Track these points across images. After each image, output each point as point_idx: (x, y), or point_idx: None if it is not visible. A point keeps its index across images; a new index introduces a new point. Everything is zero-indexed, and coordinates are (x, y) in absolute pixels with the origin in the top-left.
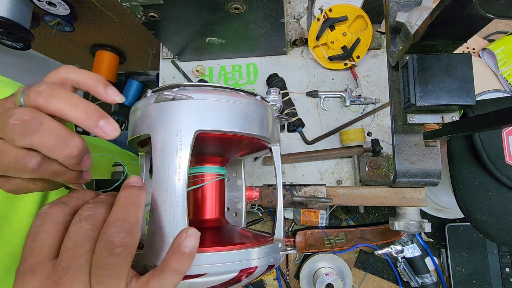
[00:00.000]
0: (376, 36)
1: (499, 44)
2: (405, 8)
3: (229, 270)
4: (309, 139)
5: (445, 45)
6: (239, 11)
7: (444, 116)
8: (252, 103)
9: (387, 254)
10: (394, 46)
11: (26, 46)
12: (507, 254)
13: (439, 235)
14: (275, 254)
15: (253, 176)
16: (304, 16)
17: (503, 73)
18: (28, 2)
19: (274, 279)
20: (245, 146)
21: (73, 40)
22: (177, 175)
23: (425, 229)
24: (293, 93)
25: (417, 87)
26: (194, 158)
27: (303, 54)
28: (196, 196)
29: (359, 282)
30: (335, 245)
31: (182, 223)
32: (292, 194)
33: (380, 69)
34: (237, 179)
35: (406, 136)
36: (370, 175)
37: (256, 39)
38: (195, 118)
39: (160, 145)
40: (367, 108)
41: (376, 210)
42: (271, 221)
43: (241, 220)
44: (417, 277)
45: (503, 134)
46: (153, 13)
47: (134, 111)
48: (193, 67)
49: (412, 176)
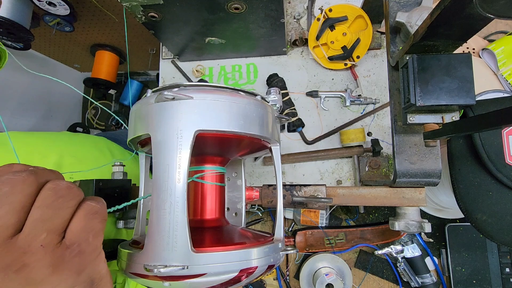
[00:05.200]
0: (376, 36)
1: (499, 44)
2: (405, 8)
3: (229, 270)
4: (309, 139)
5: (445, 45)
6: (239, 11)
7: (444, 116)
8: (252, 103)
9: (387, 254)
10: (394, 46)
11: (26, 46)
12: (507, 254)
13: (439, 235)
14: (275, 254)
15: (253, 176)
16: (304, 16)
17: (503, 73)
18: (28, 2)
19: (274, 279)
20: (245, 146)
21: (73, 40)
22: (177, 175)
23: (425, 229)
24: (293, 93)
25: (417, 87)
26: (194, 158)
27: (303, 54)
28: (196, 196)
29: (359, 282)
30: (335, 245)
31: (182, 223)
32: (292, 194)
33: (380, 69)
34: (237, 179)
35: (406, 136)
36: (370, 175)
37: (256, 39)
38: (195, 118)
39: (160, 145)
40: (367, 108)
41: (376, 210)
42: (271, 221)
43: (241, 220)
44: (417, 277)
45: (503, 134)
46: (153, 13)
47: (134, 111)
48: (193, 67)
49: (412, 176)
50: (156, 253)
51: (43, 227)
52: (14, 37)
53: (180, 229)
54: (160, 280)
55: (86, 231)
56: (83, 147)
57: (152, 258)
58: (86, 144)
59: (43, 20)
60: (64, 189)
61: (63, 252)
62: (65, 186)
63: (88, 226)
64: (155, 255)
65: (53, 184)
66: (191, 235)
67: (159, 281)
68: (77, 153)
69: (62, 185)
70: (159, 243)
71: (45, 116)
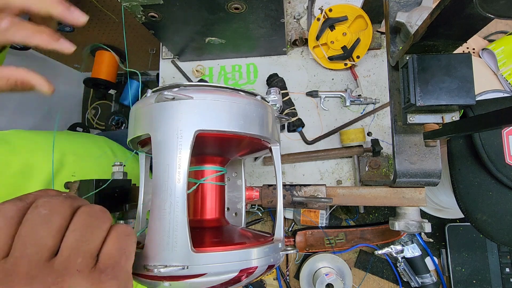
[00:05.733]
0: (376, 36)
1: (499, 44)
2: (405, 8)
3: (229, 270)
4: (309, 139)
5: (445, 45)
6: (239, 11)
7: (444, 116)
8: (252, 103)
9: (387, 254)
10: (394, 46)
11: (26, 46)
12: (507, 254)
13: (439, 235)
14: (275, 254)
15: (253, 176)
16: (304, 16)
17: (503, 73)
18: None
19: (274, 279)
20: (245, 146)
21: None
22: (177, 175)
23: (425, 229)
24: (293, 93)
25: (417, 87)
26: (194, 158)
27: (303, 54)
28: (196, 196)
29: (359, 282)
30: (335, 245)
31: (182, 223)
32: (292, 194)
33: (380, 69)
34: (237, 179)
35: (406, 136)
36: (370, 175)
37: (256, 39)
38: (195, 118)
39: (160, 145)
40: (367, 108)
41: (376, 210)
42: (271, 221)
43: (241, 220)
44: (417, 277)
45: (503, 134)
46: (153, 13)
47: (134, 111)
48: (193, 67)
49: (412, 176)
50: (156, 253)
51: (79, 251)
52: None
53: (180, 229)
54: (160, 280)
55: (120, 252)
56: (85, 146)
57: (152, 258)
58: (87, 142)
59: None
60: (98, 211)
61: (99, 276)
62: (98, 209)
63: (121, 247)
64: (155, 255)
65: (87, 207)
66: (191, 235)
67: (159, 281)
68: (79, 151)
69: (96, 208)
70: (159, 243)
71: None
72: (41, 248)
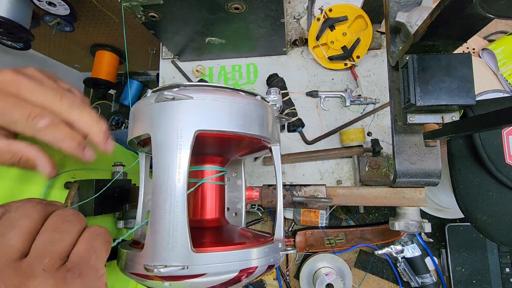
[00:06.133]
0: (376, 36)
1: (499, 44)
2: (405, 8)
3: (229, 270)
4: (309, 139)
5: (445, 45)
6: (239, 11)
7: (444, 116)
8: (252, 103)
9: (387, 254)
10: (394, 46)
11: (26, 46)
12: (507, 254)
13: (439, 235)
14: (275, 254)
15: (253, 176)
16: (304, 16)
17: (503, 73)
18: (28, 2)
19: (274, 279)
20: (245, 146)
21: (73, 40)
22: (177, 175)
23: (425, 229)
24: (293, 93)
25: (417, 87)
26: (194, 158)
27: (303, 54)
28: (196, 196)
29: (359, 282)
30: (335, 245)
31: (182, 223)
32: (292, 194)
33: (380, 69)
34: (237, 179)
35: (406, 136)
36: (370, 175)
37: (256, 39)
38: (195, 118)
39: (160, 145)
40: (367, 108)
41: (376, 210)
42: (271, 221)
43: (241, 220)
44: (417, 277)
45: (503, 134)
46: (153, 13)
47: (134, 111)
48: (193, 67)
49: (412, 176)
50: (156, 253)
51: (47, 252)
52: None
53: (180, 229)
54: (160, 280)
55: (89, 252)
56: None
57: (152, 258)
58: None
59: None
60: (70, 214)
61: (64, 275)
62: (71, 212)
63: (91, 246)
64: (155, 255)
65: (61, 211)
66: (191, 235)
67: (159, 281)
68: None
69: (68, 211)
70: (159, 243)
71: None
72: (9, 249)
